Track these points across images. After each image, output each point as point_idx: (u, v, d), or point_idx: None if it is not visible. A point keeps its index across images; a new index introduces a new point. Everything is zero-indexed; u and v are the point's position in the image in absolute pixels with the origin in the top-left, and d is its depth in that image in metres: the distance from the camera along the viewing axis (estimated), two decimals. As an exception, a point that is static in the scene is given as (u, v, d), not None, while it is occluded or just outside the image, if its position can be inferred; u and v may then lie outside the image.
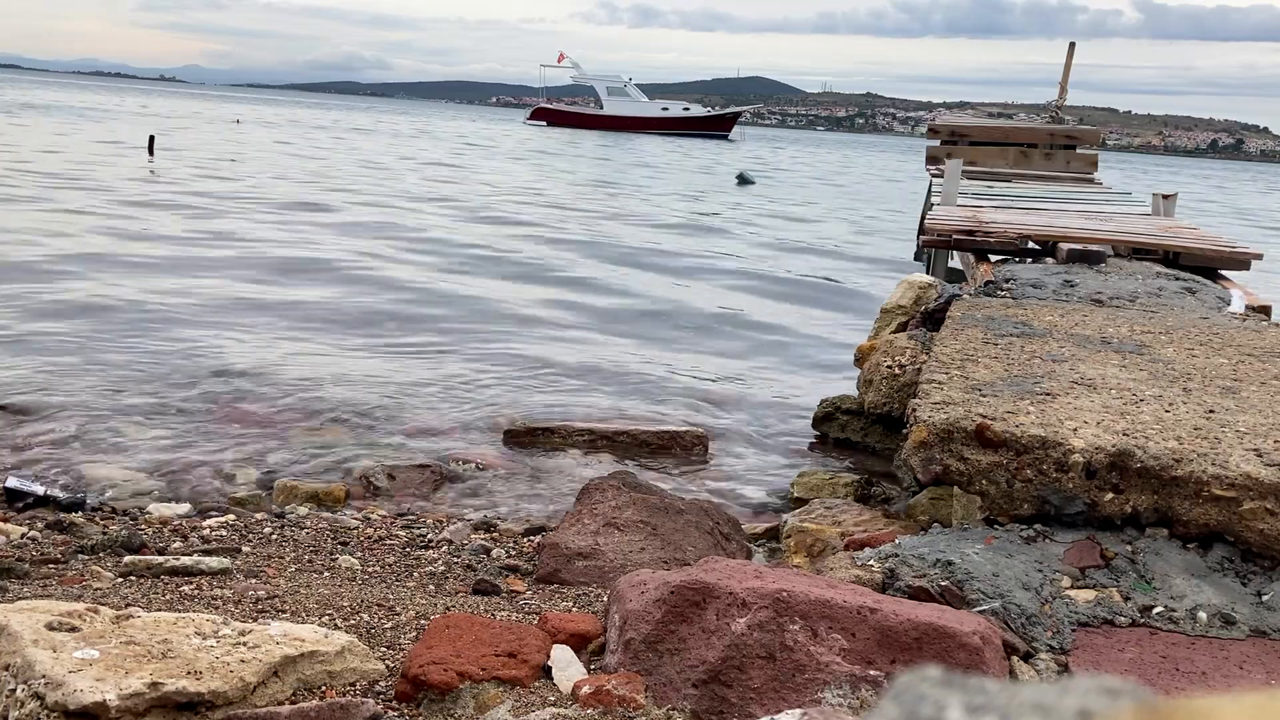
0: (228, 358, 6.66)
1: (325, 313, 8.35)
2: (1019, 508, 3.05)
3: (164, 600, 2.83)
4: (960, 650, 2.21)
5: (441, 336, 7.80)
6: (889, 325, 5.85)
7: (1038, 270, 6.46)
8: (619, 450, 5.36)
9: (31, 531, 3.75)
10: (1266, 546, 2.82)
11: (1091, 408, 3.35)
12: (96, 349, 6.67)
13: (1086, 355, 4.18)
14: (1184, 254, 6.98)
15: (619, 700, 2.18)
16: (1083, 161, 14.91)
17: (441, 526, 4.18)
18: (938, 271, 8.91)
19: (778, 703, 2.17)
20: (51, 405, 5.48)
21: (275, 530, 4.00)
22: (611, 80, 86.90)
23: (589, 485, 3.96)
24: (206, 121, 46.69)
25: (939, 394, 3.41)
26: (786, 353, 8.21)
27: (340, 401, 5.92)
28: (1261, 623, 2.63)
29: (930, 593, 2.69)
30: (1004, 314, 4.98)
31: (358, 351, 7.10)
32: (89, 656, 2.07)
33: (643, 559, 3.38)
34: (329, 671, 2.28)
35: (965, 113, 26.79)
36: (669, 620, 2.33)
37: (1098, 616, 2.64)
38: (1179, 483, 2.88)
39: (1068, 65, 17.96)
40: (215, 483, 4.67)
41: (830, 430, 5.77)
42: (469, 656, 2.33)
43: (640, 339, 8.34)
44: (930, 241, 7.51)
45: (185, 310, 8.01)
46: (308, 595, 2.90)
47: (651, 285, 11.10)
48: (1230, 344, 4.55)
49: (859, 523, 3.64)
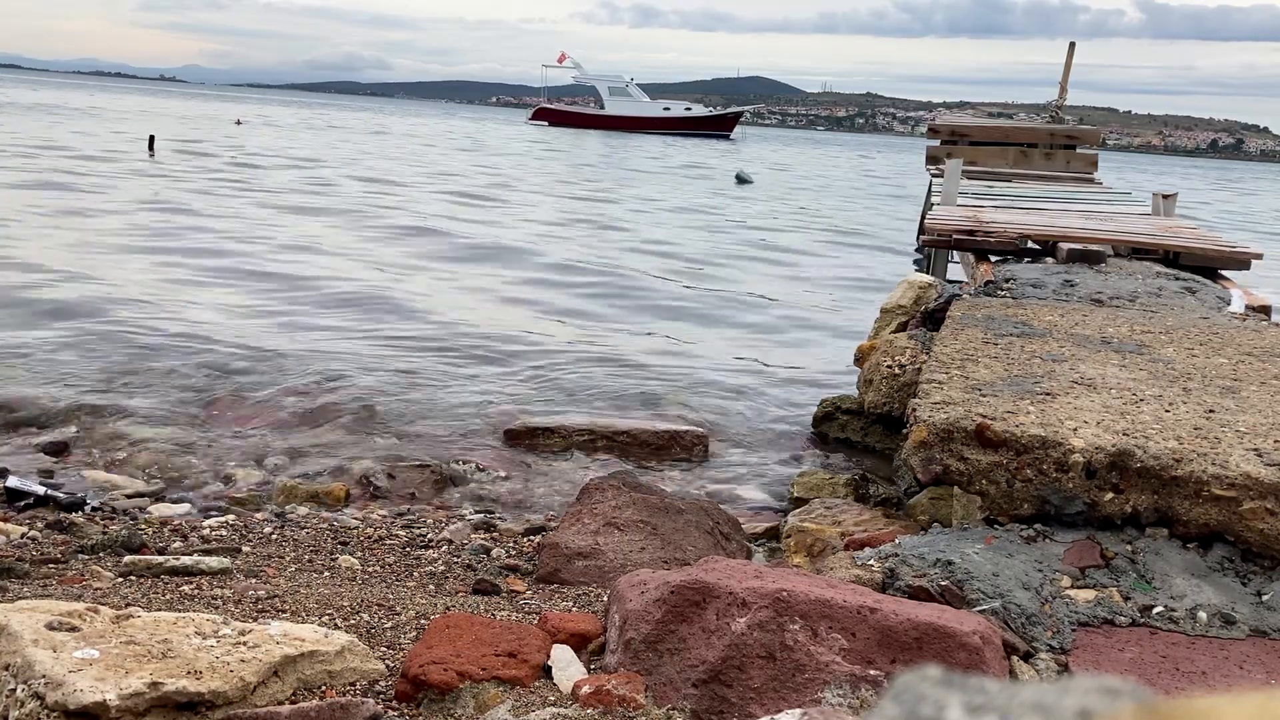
0: (228, 357, 6.66)
1: (325, 312, 8.35)
2: (1019, 508, 3.05)
3: (164, 600, 2.83)
4: (960, 650, 2.21)
5: (442, 335, 7.80)
6: (889, 325, 5.85)
7: (1038, 270, 6.46)
8: (619, 450, 5.36)
9: (31, 531, 3.75)
10: (1266, 546, 2.82)
11: (1091, 407, 3.35)
12: (97, 348, 6.67)
13: (1086, 355, 4.18)
14: (1184, 254, 6.98)
15: (619, 700, 2.18)
16: (1083, 161, 14.91)
17: (441, 526, 4.18)
18: (937, 272, 8.91)
19: (778, 702, 2.17)
20: (52, 404, 5.48)
21: (275, 530, 4.00)
22: (613, 80, 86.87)
23: (589, 485, 3.96)
24: (272, 124, 46.17)
25: (939, 394, 3.41)
26: (787, 353, 8.21)
27: (341, 401, 5.93)
28: (1261, 622, 2.63)
29: (930, 592, 2.69)
30: (1004, 314, 4.98)
31: (358, 351, 7.10)
32: (89, 656, 2.07)
33: (643, 559, 3.38)
34: (329, 671, 2.28)
35: (965, 113, 26.80)
36: (669, 620, 2.33)
37: (1098, 616, 2.64)
38: (1179, 483, 2.88)
39: (1068, 65, 17.96)
40: (215, 483, 4.67)
41: (830, 430, 5.77)
42: (469, 656, 2.33)
43: (640, 339, 8.35)
44: (930, 241, 7.51)
45: (186, 310, 8.01)
46: (308, 595, 2.90)
47: (652, 286, 11.11)
48: (1230, 344, 4.55)
49: (859, 522, 3.64)
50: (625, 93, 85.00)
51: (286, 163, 24.86)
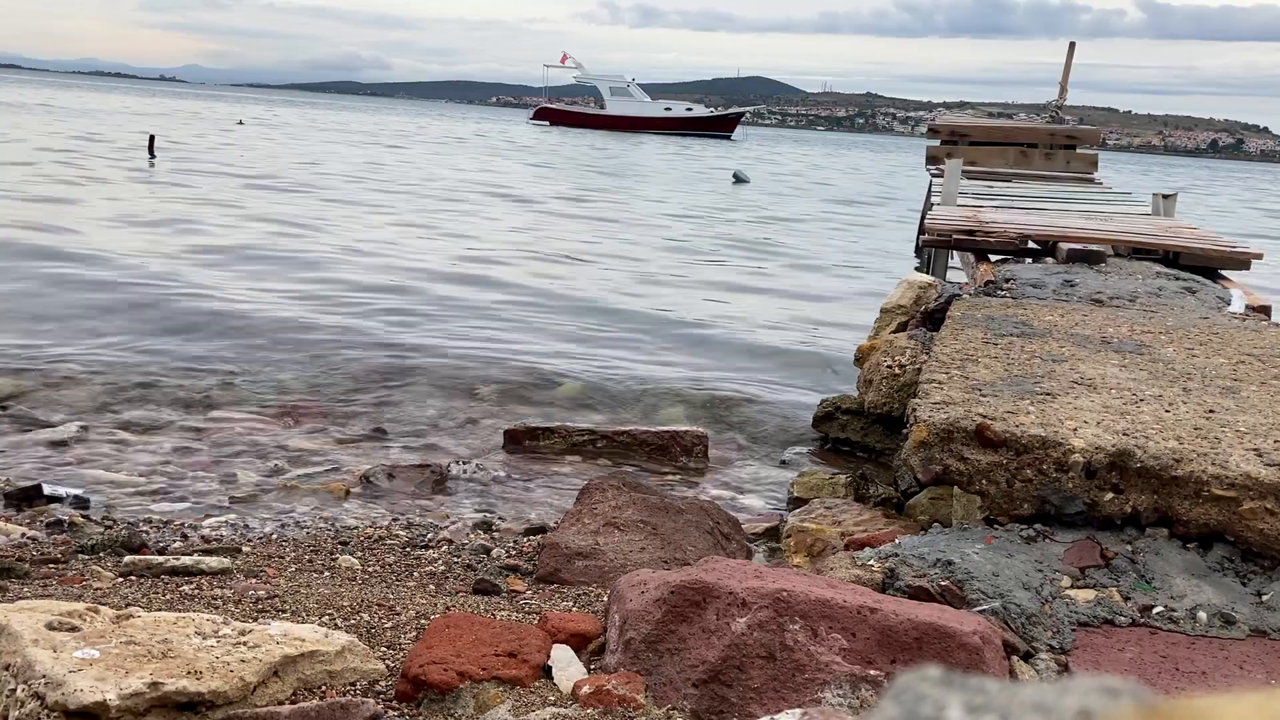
0: (228, 356, 6.66)
1: (326, 312, 8.35)
2: (1019, 507, 3.05)
3: (164, 600, 2.83)
4: (960, 650, 2.21)
5: (442, 336, 7.80)
6: (889, 325, 5.85)
7: (1038, 270, 6.46)
8: (619, 450, 5.36)
9: (31, 531, 3.75)
10: (1266, 546, 2.82)
11: (1091, 408, 3.35)
12: (97, 348, 6.68)
13: (1086, 355, 4.18)
14: (1184, 254, 6.98)
15: (619, 700, 2.18)
16: (1083, 161, 14.90)
17: (441, 527, 4.18)
18: (937, 272, 8.91)
19: (778, 702, 2.18)
20: (52, 404, 5.48)
21: (275, 530, 4.00)
22: (615, 80, 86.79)
23: (589, 485, 3.96)
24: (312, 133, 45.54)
25: (939, 394, 3.41)
26: (786, 352, 8.21)
27: (341, 401, 5.93)
28: (1261, 622, 2.63)
29: (930, 592, 2.69)
30: (1004, 314, 4.98)
31: (358, 351, 7.10)
32: (89, 656, 2.07)
33: (643, 559, 3.38)
34: (329, 671, 2.28)
35: (965, 113, 26.79)
36: (669, 620, 2.33)
37: (1098, 616, 2.64)
38: (1179, 483, 2.88)
39: (1068, 65, 17.96)
40: (216, 482, 4.67)
41: (830, 430, 5.77)
42: (469, 656, 2.33)
43: (640, 338, 8.35)
44: (930, 241, 7.51)
45: (186, 310, 8.01)
46: (308, 595, 2.90)
47: (651, 284, 11.11)
48: (1230, 344, 4.55)
49: (859, 522, 3.64)
50: (627, 93, 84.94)
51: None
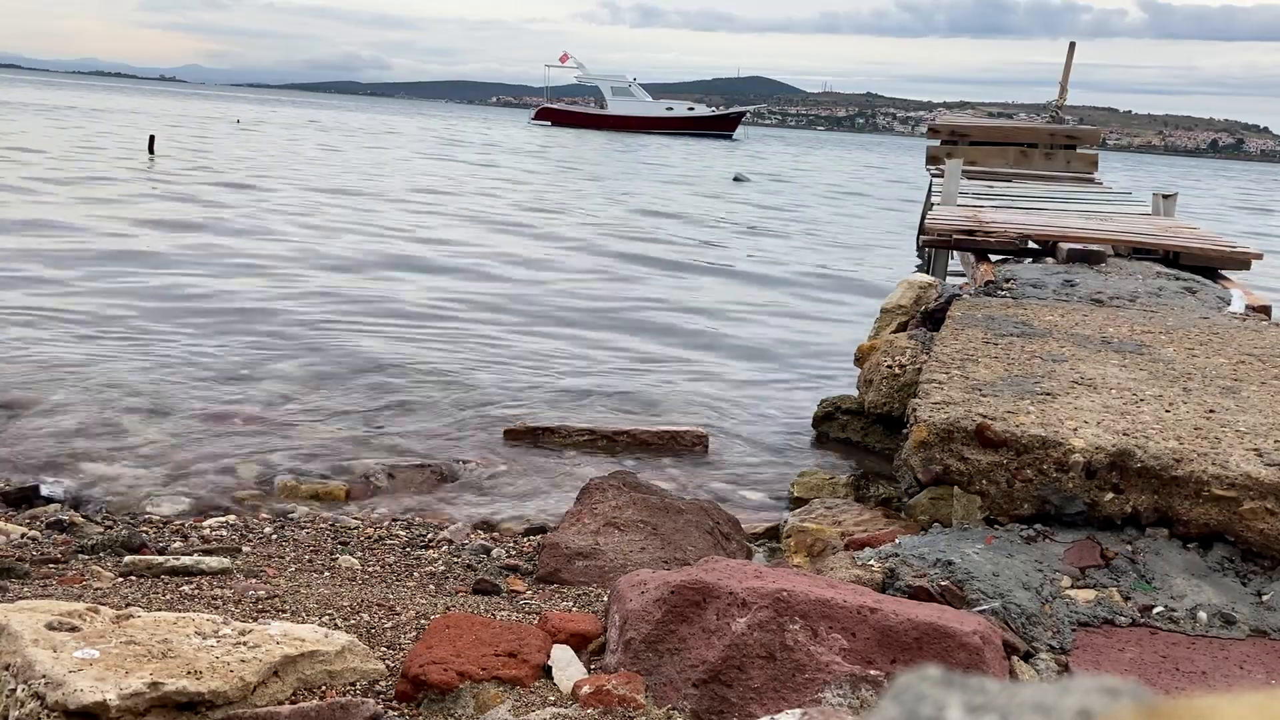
0: (228, 356, 6.66)
1: (326, 312, 8.35)
2: (1019, 508, 3.05)
3: (164, 600, 2.83)
4: (960, 650, 2.21)
5: (442, 335, 7.80)
6: (889, 325, 5.85)
7: (1038, 270, 6.46)
8: (619, 450, 5.36)
9: (31, 531, 3.75)
10: (1266, 546, 2.82)
11: (1092, 408, 3.35)
12: (97, 348, 6.68)
13: (1087, 355, 4.18)
14: (1184, 254, 6.98)
15: (619, 700, 2.18)
16: (1083, 161, 14.91)
17: (441, 526, 4.19)
18: (937, 272, 8.91)
19: (778, 702, 2.17)
20: (52, 403, 5.48)
21: (275, 530, 4.00)
22: (616, 80, 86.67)
23: (589, 485, 3.96)
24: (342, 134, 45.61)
25: (939, 394, 3.41)
26: (786, 352, 8.21)
27: (341, 400, 5.93)
28: (1261, 622, 2.63)
29: (930, 592, 2.69)
30: (1004, 314, 4.98)
31: (358, 351, 7.10)
32: (89, 656, 2.07)
33: (643, 559, 3.38)
34: (329, 671, 2.28)
35: (965, 113, 26.81)
36: (669, 620, 2.33)
37: (1098, 616, 2.64)
38: (1179, 483, 2.88)
39: (1068, 65, 17.97)
40: (215, 482, 4.67)
41: (830, 430, 5.77)
42: (469, 656, 2.33)
43: (640, 338, 8.34)
44: (930, 241, 7.51)
45: (186, 309, 8.01)
46: (308, 595, 2.90)
47: (651, 285, 11.10)
48: (1230, 344, 4.55)
49: (859, 522, 3.64)
50: (628, 93, 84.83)
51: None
